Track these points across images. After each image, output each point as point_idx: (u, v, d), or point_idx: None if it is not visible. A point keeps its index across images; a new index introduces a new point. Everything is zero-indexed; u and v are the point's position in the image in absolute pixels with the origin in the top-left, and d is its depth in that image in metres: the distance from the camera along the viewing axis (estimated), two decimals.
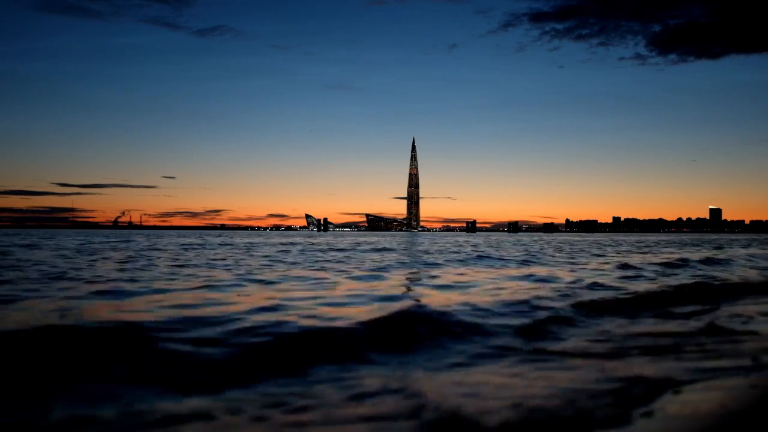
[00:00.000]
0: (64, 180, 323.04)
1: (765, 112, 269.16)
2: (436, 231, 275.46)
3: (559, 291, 7.46)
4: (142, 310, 5.33)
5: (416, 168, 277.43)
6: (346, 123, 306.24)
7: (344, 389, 3.16)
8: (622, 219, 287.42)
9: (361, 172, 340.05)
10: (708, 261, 14.87)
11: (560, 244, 34.74)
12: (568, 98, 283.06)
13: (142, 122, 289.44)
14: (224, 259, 15.37)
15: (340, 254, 19.02)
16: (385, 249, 24.22)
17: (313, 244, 33.32)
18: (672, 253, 21.12)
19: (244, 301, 6.04)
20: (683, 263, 13.85)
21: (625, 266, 12.45)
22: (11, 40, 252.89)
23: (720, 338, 4.68)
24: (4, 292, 6.98)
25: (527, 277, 10.12)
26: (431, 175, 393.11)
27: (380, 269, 11.99)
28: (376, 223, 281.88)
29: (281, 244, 32.59)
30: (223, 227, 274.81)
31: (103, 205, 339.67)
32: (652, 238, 77.68)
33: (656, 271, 11.73)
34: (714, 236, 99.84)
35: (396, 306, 5.50)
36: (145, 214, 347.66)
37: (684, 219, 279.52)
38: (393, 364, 3.76)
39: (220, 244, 29.55)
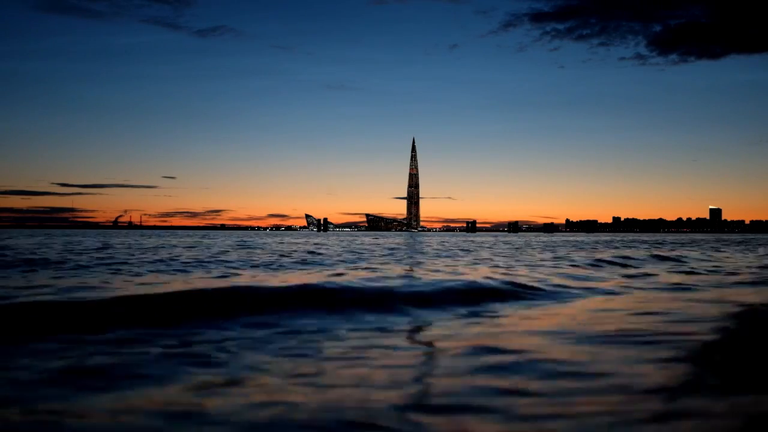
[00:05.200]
0: (64, 180, 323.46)
1: (765, 112, 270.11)
2: (436, 231, 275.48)
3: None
4: None
5: (416, 168, 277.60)
6: (347, 123, 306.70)
7: None
8: (622, 219, 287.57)
9: (361, 172, 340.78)
10: None
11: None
12: (568, 98, 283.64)
13: (142, 122, 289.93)
14: None
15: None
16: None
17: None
18: None
19: None
20: None
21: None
22: (11, 40, 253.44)
23: None
24: None
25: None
26: (431, 175, 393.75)
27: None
28: (376, 223, 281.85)
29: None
30: (223, 227, 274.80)
31: (103, 205, 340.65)
32: (626, 237, 77.57)
33: None
34: (712, 236, 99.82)
35: None
36: (145, 214, 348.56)
37: (684, 219, 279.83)
38: None
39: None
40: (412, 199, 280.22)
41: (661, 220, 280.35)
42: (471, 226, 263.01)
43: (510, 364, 3.46)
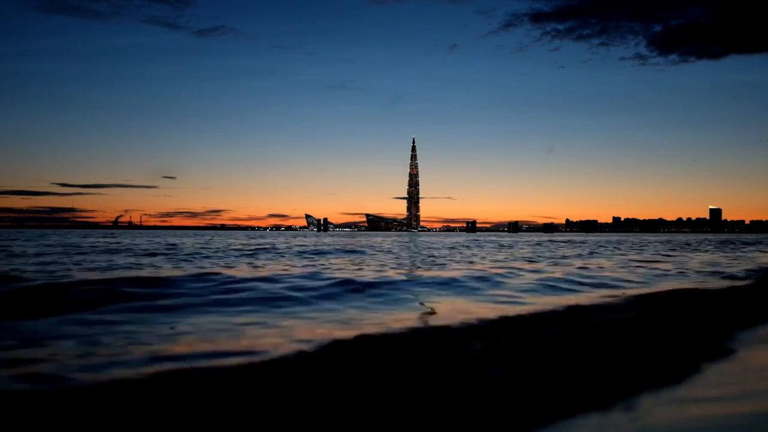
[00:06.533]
0: (64, 180, 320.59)
1: (765, 112, 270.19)
2: (436, 231, 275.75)
3: None
4: None
5: (416, 168, 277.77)
6: (347, 123, 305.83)
7: None
8: (622, 219, 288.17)
9: (361, 172, 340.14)
10: None
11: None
12: (569, 98, 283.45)
13: (142, 122, 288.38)
14: None
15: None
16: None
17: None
18: None
19: None
20: None
21: None
22: (11, 40, 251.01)
23: None
24: None
25: None
26: (431, 175, 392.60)
27: None
28: (376, 223, 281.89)
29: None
30: (223, 227, 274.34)
31: (103, 205, 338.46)
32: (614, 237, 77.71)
33: None
34: (712, 236, 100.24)
35: None
36: (145, 214, 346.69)
37: (684, 219, 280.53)
38: None
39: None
40: (412, 199, 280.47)
41: (661, 220, 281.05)
42: (471, 226, 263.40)
43: None
